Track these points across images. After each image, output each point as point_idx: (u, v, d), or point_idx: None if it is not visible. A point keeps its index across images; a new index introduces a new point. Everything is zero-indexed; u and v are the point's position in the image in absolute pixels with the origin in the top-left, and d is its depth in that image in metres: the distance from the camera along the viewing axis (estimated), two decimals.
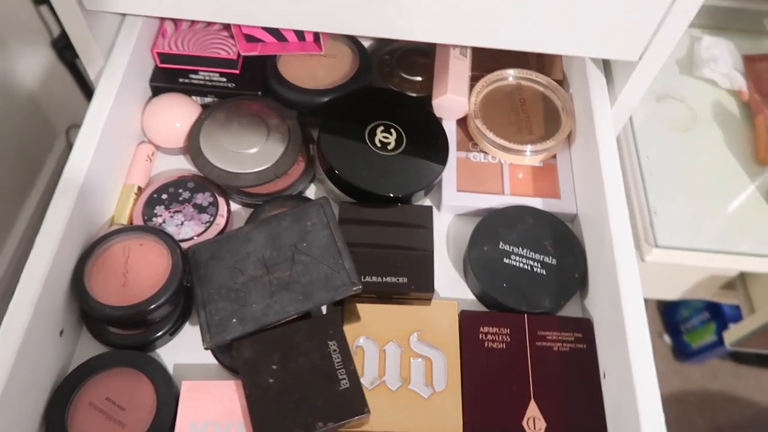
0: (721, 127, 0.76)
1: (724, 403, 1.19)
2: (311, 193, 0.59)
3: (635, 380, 0.42)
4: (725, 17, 0.83)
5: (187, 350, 0.49)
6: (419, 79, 0.64)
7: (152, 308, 0.45)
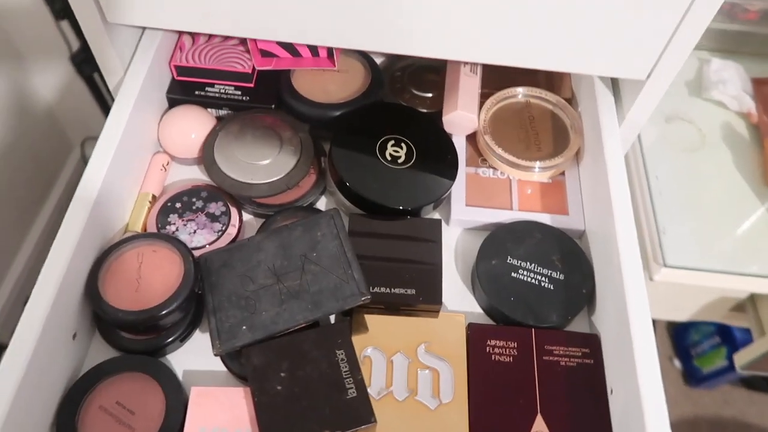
0: (730, 148, 0.77)
1: (736, 429, 1.17)
2: (322, 204, 0.59)
3: (643, 397, 0.42)
4: (734, 40, 0.84)
5: (196, 357, 0.49)
6: (430, 95, 0.65)
7: (164, 314, 0.46)
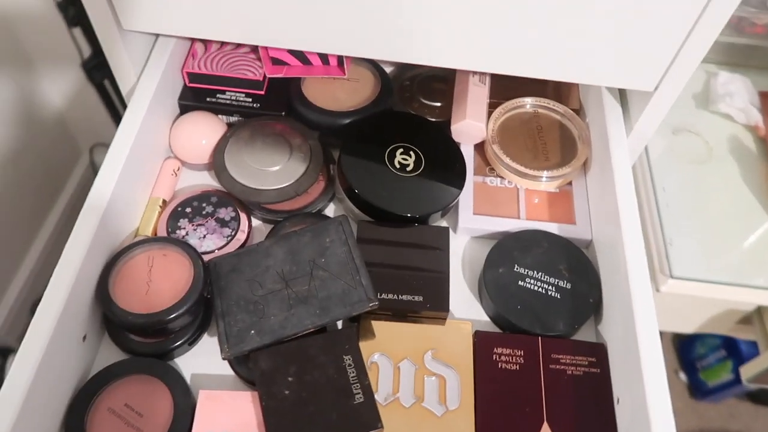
0: (737, 161, 0.77)
1: None
2: (330, 211, 0.60)
3: (649, 407, 0.42)
4: (742, 54, 0.84)
5: (204, 360, 0.49)
6: (438, 104, 0.65)
7: (173, 317, 0.46)
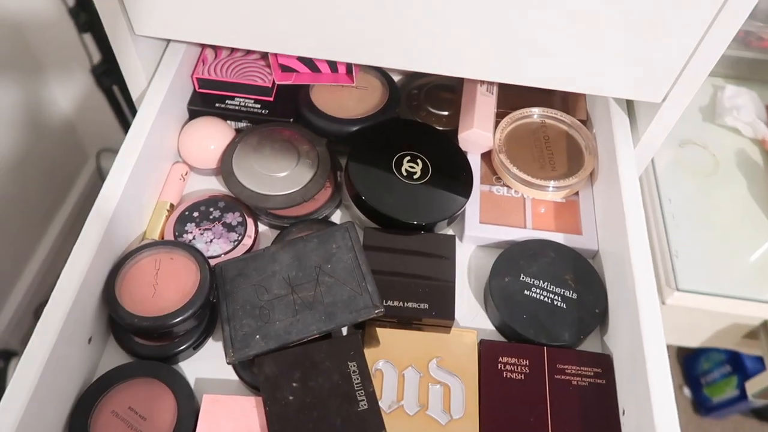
0: (743, 174, 0.77)
1: None
2: (336, 218, 0.60)
3: (656, 419, 0.42)
4: (748, 68, 0.84)
5: (209, 365, 0.49)
6: (446, 113, 0.66)
7: (179, 321, 0.46)
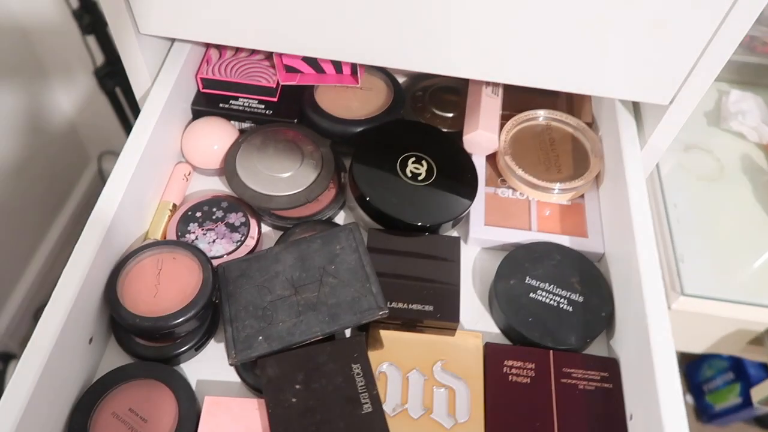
0: (749, 179, 0.76)
1: None
2: (340, 219, 0.59)
3: (664, 424, 0.41)
4: (753, 73, 0.84)
5: (210, 366, 0.49)
6: (450, 115, 0.65)
7: (181, 321, 0.46)
